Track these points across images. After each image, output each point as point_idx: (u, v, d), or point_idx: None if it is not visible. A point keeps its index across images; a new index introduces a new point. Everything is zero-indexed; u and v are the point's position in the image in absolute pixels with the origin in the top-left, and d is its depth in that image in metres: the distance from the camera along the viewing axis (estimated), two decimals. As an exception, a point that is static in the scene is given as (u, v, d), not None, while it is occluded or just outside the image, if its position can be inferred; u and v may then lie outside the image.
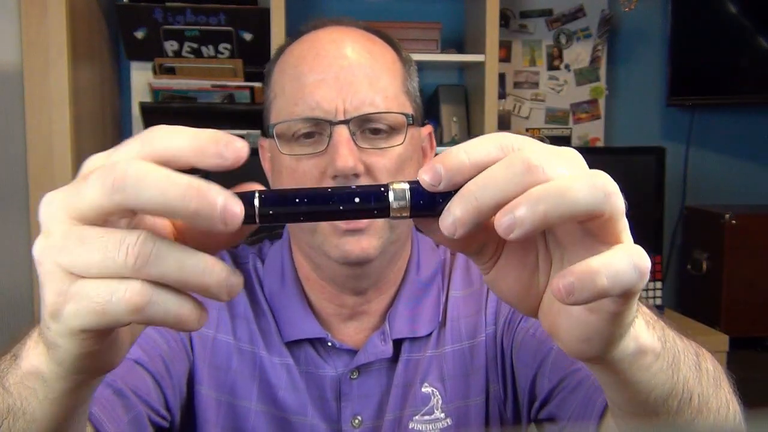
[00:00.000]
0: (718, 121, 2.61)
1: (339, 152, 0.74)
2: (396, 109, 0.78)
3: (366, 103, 0.76)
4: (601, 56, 2.52)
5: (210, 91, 2.14)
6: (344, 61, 0.77)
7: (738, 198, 2.60)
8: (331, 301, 0.83)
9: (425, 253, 0.88)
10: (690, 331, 2.12)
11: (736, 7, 2.41)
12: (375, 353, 0.82)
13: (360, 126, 0.77)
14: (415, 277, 0.86)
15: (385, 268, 0.83)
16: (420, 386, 0.83)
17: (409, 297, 0.85)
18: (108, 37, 2.23)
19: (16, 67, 1.90)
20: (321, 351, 0.83)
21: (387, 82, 0.79)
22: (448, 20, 2.37)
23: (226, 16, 2.18)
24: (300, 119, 0.77)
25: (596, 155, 2.29)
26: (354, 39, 0.80)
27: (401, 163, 0.77)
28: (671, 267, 2.55)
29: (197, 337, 0.82)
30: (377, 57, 0.80)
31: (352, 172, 0.74)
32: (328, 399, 0.82)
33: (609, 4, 2.50)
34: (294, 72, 0.79)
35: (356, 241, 0.75)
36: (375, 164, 0.76)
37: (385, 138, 0.77)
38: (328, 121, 0.75)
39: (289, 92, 0.79)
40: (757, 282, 2.20)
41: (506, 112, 2.52)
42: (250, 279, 0.87)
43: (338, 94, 0.76)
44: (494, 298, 0.87)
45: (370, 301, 0.84)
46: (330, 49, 0.79)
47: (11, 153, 1.91)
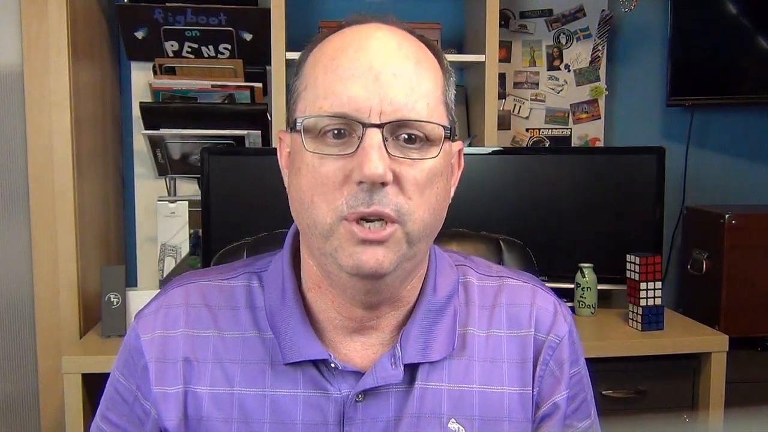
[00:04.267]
0: (718, 121, 2.61)
1: (369, 157, 0.68)
2: (436, 119, 0.73)
3: (405, 109, 0.70)
4: (601, 56, 2.52)
5: (210, 91, 2.14)
6: (386, 60, 0.71)
7: (738, 198, 2.61)
8: (339, 312, 0.78)
9: (443, 272, 0.83)
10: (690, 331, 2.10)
11: (736, 7, 2.41)
12: (384, 377, 0.77)
13: (394, 132, 0.71)
14: (431, 296, 0.81)
15: (399, 285, 0.77)
16: (446, 421, 0.79)
17: (425, 317, 0.80)
18: (108, 37, 2.23)
19: (17, 67, 1.90)
20: (324, 371, 0.78)
21: (429, 89, 0.73)
22: (448, 20, 2.37)
23: (226, 16, 2.18)
24: (329, 115, 0.70)
25: (596, 155, 2.29)
26: (400, 39, 0.74)
27: (432, 178, 0.72)
28: (671, 267, 2.55)
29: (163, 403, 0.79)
30: (421, 61, 0.74)
31: (380, 180, 0.68)
32: (330, 423, 0.77)
33: (609, 4, 2.50)
34: (330, 64, 0.72)
35: (372, 252, 0.70)
36: (405, 175, 0.70)
37: (419, 149, 0.72)
38: (361, 122, 0.69)
39: (322, 84, 0.72)
40: (757, 282, 2.20)
41: (506, 112, 2.52)
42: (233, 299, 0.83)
43: (376, 93, 0.70)
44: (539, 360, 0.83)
45: (380, 317, 0.79)
46: (372, 44, 0.72)
47: (11, 153, 1.91)
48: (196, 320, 0.81)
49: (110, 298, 1.88)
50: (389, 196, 0.69)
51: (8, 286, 1.93)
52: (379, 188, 0.69)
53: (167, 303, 0.83)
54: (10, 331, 1.94)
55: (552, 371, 0.83)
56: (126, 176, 2.34)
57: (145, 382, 0.80)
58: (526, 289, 0.86)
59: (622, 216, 2.14)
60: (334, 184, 0.70)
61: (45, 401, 1.95)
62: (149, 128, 2.11)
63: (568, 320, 0.86)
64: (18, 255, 1.93)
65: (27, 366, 1.95)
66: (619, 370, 1.92)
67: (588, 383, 0.89)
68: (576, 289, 2.08)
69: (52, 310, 1.93)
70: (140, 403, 0.81)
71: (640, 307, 1.97)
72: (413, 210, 0.71)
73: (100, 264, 2.08)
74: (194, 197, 2.13)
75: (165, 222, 2.12)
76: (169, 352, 0.80)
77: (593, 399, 0.90)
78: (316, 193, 0.71)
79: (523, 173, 2.15)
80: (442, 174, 0.74)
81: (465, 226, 1.23)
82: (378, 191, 0.69)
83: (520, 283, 0.87)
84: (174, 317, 0.81)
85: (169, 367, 0.80)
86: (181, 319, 0.81)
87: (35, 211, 1.91)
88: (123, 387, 0.83)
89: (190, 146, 2.14)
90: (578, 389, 0.86)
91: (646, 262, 1.97)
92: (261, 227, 1.22)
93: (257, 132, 2.12)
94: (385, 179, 0.69)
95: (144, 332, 0.81)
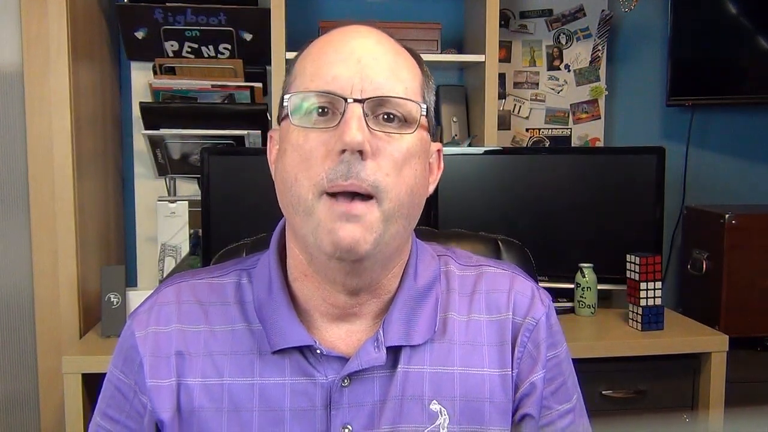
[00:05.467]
0: (718, 121, 2.61)
1: (349, 125, 0.72)
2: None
3: (385, 88, 0.75)
4: (601, 56, 2.52)
5: (210, 91, 2.14)
6: (369, 50, 0.77)
7: (738, 198, 2.61)
8: (324, 299, 0.81)
9: (423, 262, 0.86)
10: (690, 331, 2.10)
11: (736, 7, 2.41)
12: (368, 360, 0.79)
13: (374, 110, 0.75)
14: (412, 283, 0.84)
15: (380, 270, 0.80)
16: (428, 402, 0.81)
17: (405, 303, 0.83)
18: (108, 37, 2.23)
19: (17, 67, 1.90)
20: (311, 358, 0.81)
21: (408, 76, 0.79)
22: (448, 20, 2.37)
23: (226, 16, 2.18)
24: (314, 92, 0.76)
25: (596, 155, 2.29)
26: (382, 37, 0.80)
27: (407, 157, 0.76)
28: (671, 267, 2.55)
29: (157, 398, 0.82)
30: (401, 57, 0.80)
31: (359, 148, 0.72)
32: (318, 407, 0.80)
33: (609, 4, 2.50)
34: (317, 54, 0.79)
35: (350, 229, 0.73)
36: (382, 149, 0.74)
37: (398, 127, 0.76)
38: (343, 97, 0.74)
39: (309, 70, 0.78)
40: (757, 282, 2.20)
41: (506, 112, 2.52)
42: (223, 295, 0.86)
43: (357, 74, 0.75)
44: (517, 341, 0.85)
45: (363, 303, 0.82)
46: (356, 37, 0.79)
47: (11, 153, 1.91)
48: (188, 316, 0.85)
49: (110, 298, 1.88)
50: (367, 170, 0.73)
51: (8, 286, 1.93)
52: (358, 160, 0.73)
53: (160, 301, 0.86)
54: (10, 331, 1.94)
55: (529, 352, 0.86)
56: (126, 176, 2.34)
57: (141, 377, 0.83)
58: (505, 276, 0.90)
59: (622, 216, 2.14)
60: (317, 159, 0.74)
61: (45, 401, 1.95)
62: (149, 128, 2.11)
63: (546, 304, 0.89)
64: (18, 255, 1.93)
65: (27, 366, 1.95)
66: (619, 370, 1.92)
67: (569, 369, 0.91)
68: (576, 289, 2.08)
69: (52, 310, 1.93)
70: (138, 398, 0.84)
71: (640, 307, 1.97)
72: (390, 187, 0.74)
73: (100, 264, 2.08)
74: (194, 197, 2.13)
75: (165, 222, 2.12)
76: (162, 348, 0.83)
77: (577, 386, 0.91)
78: (299, 170, 0.75)
79: (523, 173, 2.15)
80: (419, 157, 0.78)
81: (464, 227, 1.23)
82: (357, 163, 0.73)
83: (499, 271, 0.90)
84: (167, 314, 0.85)
85: (162, 362, 0.83)
86: (174, 315, 0.85)
87: (35, 211, 1.91)
88: (122, 383, 0.85)
89: (190, 146, 2.14)
90: (556, 372, 0.88)
91: (646, 262, 1.97)
92: (261, 227, 1.21)
93: (257, 132, 2.12)
94: (364, 147, 0.72)
95: (138, 329, 0.85)
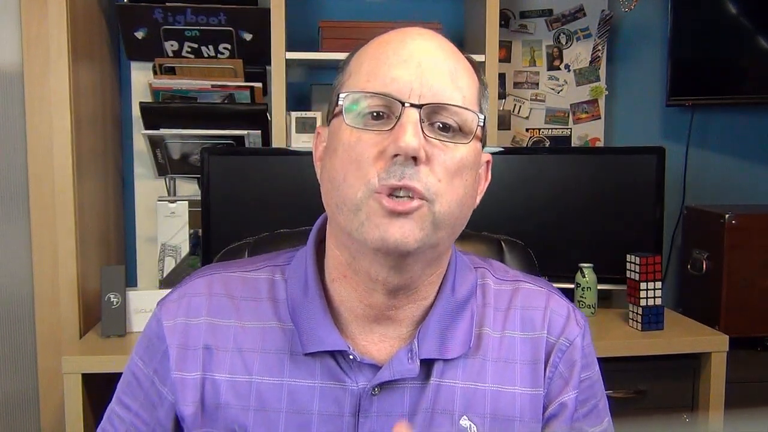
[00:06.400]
0: (718, 121, 2.61)
1: (405, 130, 0.70)
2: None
3: (444, 95, 0.73)
4: (601, 56, 2.52)
5: (210, 91, 2.14)
6: (429, 53, 0.75)
7: (738, 198, 2.61)
8: (361, 300, 0.79)
9: (462, 273, 0.85)
10: (690, 331, 2.09)
11: (736, 7, 2.41)
12: (401, 371, 0.78)
13: (430, 117, 0.73)
14: (449, 295, 0.82)
15: (420, 272, 0.78)
16: (458, 418, 0.80)
17: (442, 315, 0.81)
18: (108, 37, 2.23)
19: (17, 67, 1.90)
20: (342, 363, 0.79)
21: (466, 84, 0.76)
22: (448, 20, 2.37)
23: (226, 16, 2.18)
24: (372, 93, 0.73)
25: (596, 155, 2.29)
26: (442, 40, 0.78)
27: (460, 168, 0.74)
28: (671, 267, 2.55)
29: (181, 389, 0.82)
30: (460, 63, 0.78)
31: (414, 154, 0.70)
32: (346, 414, 0.78)
33: (609, 4, 2.50)
34: (375, 53, 0.77)
35: (399, 224, 0.71)
36: (435, 157, 0.72)
37: (452, 137, 0.74)
38: (401, 101, 0.72)
39: (366, 70, 0.76)
40: (757, 282, 2.20)
41: (506, 112, 2.52)
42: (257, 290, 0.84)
43: (416, 78, 0.73)
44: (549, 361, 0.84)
45: (399, 307, 0.80)
46: (417, 39, 0.76)
47: (11, 153, 1.91)
48: (218, 309, 0.83)
49: (110, 298, 1.88)
50: (420, 174, 0.71)
51: (8, 286, 1.93)
52: (411, 164, 0.71)
53: (191, 292, 0.85)
54: (10, 331, 1.94)
55: (561, 373, 0.84)
56: (126, 176, 2.34)
57: (164, 367, 0.82)
58: (541, 293, 0.88)
59: (622, 216, 2.14)
60: (368, 160, 0.72)
61: (45, 401, 1.95)
62: (149, 128, 2.11)
63: (581, 325, 0.87)
64: (18, 255, 1.93)
65: (27, 366, 1.95)
66: (619, 370, 1.92)
67: (602, 391, 0.89)
68: (576, 289, 2.08)
69: (52, 310, 1.93)
70: (156, 387, 0.83)
71: (640, 307, 1.97)
72: (442, 192, 0.73)
73: (100, 264, 2.08)
74: (194, 197, 2.13)
75: (165, 222, 2.12)
76: (190, 339, 0.82)
77: (608, 409, 0.90)
78: (349, 171, 0.73)
79: (523, 173, 2.15)
80: (472, 168, 0.76)
81: (466, 226, 1.23)
82: (410, 167, 0.71)
83: (535, 288, 0.89)
84: (197, 306, 0.84)
85: (189, 354, 0.82)
86: (204, 307, 0.84)
87: (35, 211, 1.91)
88: (140, 371, 0.84)
89: (190, 146, 2.14)
90: (589, 394, 0.86)
91: (646, 262, 1.97)
92: (261, 227, 1.22)
93: (257, 132, 2.12)
94: (419, 153, 0.70)
95: (166, 318, 0.83)
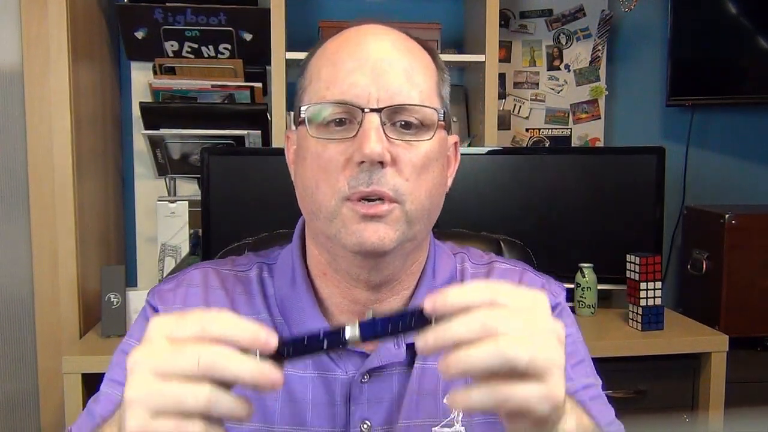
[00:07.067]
0: (718, 121, 2.61)
1: (368, 136, 0.73)
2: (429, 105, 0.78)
3: (401, 95, 0.76)
4: (601, 56, 2.52)
5: (210, 91, 2.14)
6: (383, 54, 0.77)
7: (738, 198, 2.61)
8: (344, 297, 0.82)
9: (441, 259, 0.88)
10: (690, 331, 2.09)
11: (736, 7, 2.41)
12: (389, 357, 0.81)
13: (391, 118, 0.76)
14: (430, 281, 0.85)
15: (400, 266, 0.81)
16: (442, 396, 0.81)
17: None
18: (108, 37, 2.23)
19: (17, 67, 1.90)
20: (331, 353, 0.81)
21: (422, 79, 0.78)
22: (448, 20, 2.37)
23: (226, 16, 2.18)
24: (331, 102, 0.76)
25: (596, 155, 2.29)
26: (395, 37, 0.81)
27: (427, 161, 0.77)
28: (671, 267, 2.55)
29: None
30: (415, 56, 0.80)
31: (379, 159, 0.73)
32: (338, 403, 0.81)
33: (609, 4, 2.50)
34: (331, 58, 0.79)
35: (374, 228, 0.74)
36: (402, 157, 0.75)
37: (415, 133, 0.77)
38: (360, 107, 0.75)
39: (324, 77, 0.78)
40: (757, 282, 2.20)
41: (506, 112, 2.52)
42: (249, 287, 0.86)
43: (373, 82, 0.75)
44: None
45: (382, 300, 0.83)
46: (370, 40, 0.79)
47: (11, 153, 1.91)
48: (214, 301, 0.85)
49: (110, 298, 1.88)
50: (387, 177, 0.74)
51: (8, 286, 1.93)
52: (378, 168, 0.74)
53: (187, 282, 0.86)
54: (10, 331, 1.94)
55: None
56: (126, 176, 2.34)
57: None
58: (515, 271, 0.91)
59: (622, 216, 2.14)
60: (336, 168, 0.75)
61: (45, 401, 1.95)
62: (149, 128, 2.11)
63: (556, 293, 0.90)
64: (18, 255, 1.93)
65: (27, 366, 1.95)
66: (619, 370, 1.92)
67: (585, 351, 0.91)
68: (576, 289, 2.08)
69: (52, 310, 1.93)
70: None
71: (640, 307, 1.97)
72: (411, 190, 0.76)
73: (100, 264, 2.08)
74: (194, 197, 2.13)
75: (165, 222, 2.12)
76: None
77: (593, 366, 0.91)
78: (320, 178, 0.76)
79: (523, 173, 2.15)
80: (438, 159, 0.79)
81: (465, 227, 1.23)
82: (377, 171, 0.74)
83: (509, 267, 0.92)
84: (194, 296, 0.85)
85: None
86: (200, 297, 0.85)
87: (35, 211, 1.91)
88: None
89: (190, 146, 2.14)
90: (573, 349, 0.88)
91: (646, 262, 1.97)
92: (261, 227, 1.22)
93: (257, 132, 2.12)
94: (383, 158, 0.73)
95: (163, 305, 0.85)
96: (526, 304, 0.56)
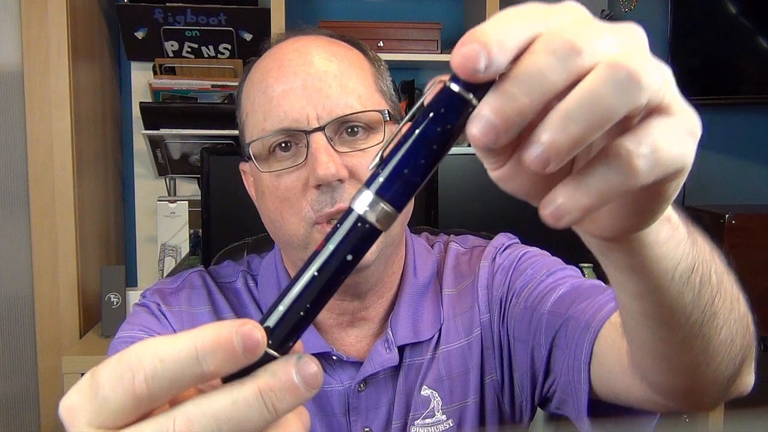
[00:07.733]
0: (718, 121, 2.61)
1: (319, 160, 0.71)
2: (371, 107, 0.76)
3: (339, 107, 0.74)
4: (601, 56, 2.51)
5: (210, 91, 2.14)
6: (311, 68, 0.75)
7: (738, 198, 2.61)
8: (331, 311, 0.82)
9: (421, 256, 0.87)
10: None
11: (736, 7, 2.41)
12: (381, 362, 0.80)
13: (336, 130, 0.74)
14: (413, 280, 0.85)
15: (383, 271, 0.81)
16: (419, 390, 0.82)
17: (409, 301, 0.83)
18: (108, 37, 2.23)
19: (17, 67, 1.90)
20: (325, 366, 0.80)
21: (357, 82, 0.76)
22: (448, 20, 2.37)
23: (226, 16, 2.18)
24: (271, 133, 0.74)
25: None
26: (318, 45, 0.78)
27: None
28: (671, 267, 2.55)
29: None
30: (344, 59, 0.77)
31: (335, 179, 0.72)
32: (337, 414, 0.80)
33: (609, 4, 2.50)
34: (261, 86, 0.76)
35: None
36: (357, 166, 0.73)
37: (364, 138, 0.75)
38: (302, 130, 0.73)
39: (258, 108, 0.76)
40: (757, 282, 2.20)
41: (506, 112, 2.52)
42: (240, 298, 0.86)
43: (308, 102, 0.73)
44: (484, 284, 0.85)
45: (369, 306, 0.83)
46: (294, 57, 0.76)
47: (11, 153, 1.91)
48: (217, 303, 0.85)
49: (110, 298, 1.88)
50: (349, 191, 0.73)
51: (8, 286, 1.93)
52: (338, 186, 0.73)
53: (189, 284, 0.86)
54: (10, 331, 1.94)
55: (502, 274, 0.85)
56: (126, 176, 2.34)
57: None
58: (466, 252, 0.91)
59: (622, 216, 2.14)
60: (296, 195, 0.74)
61: (45, 401, 1.95)
62: (149, 128, 2.11)
63: (494, 245, 0.89)
64: (18, 255, 1.93)
65: (27, 366, 1.95)
66: (619, 370, 1.92)
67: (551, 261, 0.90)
68: (576, 289, 2.08)
69: (52, 310, 1.93)
70: None
71: (640, 307, 1.97)
72: None
73: (100, 264, 2.08)
74: (194, 197, 2.13)
75: (165, 222, 2.12)
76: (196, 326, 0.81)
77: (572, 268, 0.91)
78: (283, 209, 0.75)
79: (523, 173, 2.14)
80: None
81: (464, 226, 1.23)
82: (338, 189, 0.73)
83: (462, 249, 0.91)
84: (198, 297, 0.85)
85: None
86: (204, 300, 0.85)
87: (35, 211, 1.91)
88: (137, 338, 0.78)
89: (190, 146, 2.14)
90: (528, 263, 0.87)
91: (646, 262, 1.97)
92: (261, 227, 1.21)
93: (257, 132, 2.12)
94: (340, 176, 0.72)
95: (167, 305, 0.84)
96: (614, 26, 0.35)
